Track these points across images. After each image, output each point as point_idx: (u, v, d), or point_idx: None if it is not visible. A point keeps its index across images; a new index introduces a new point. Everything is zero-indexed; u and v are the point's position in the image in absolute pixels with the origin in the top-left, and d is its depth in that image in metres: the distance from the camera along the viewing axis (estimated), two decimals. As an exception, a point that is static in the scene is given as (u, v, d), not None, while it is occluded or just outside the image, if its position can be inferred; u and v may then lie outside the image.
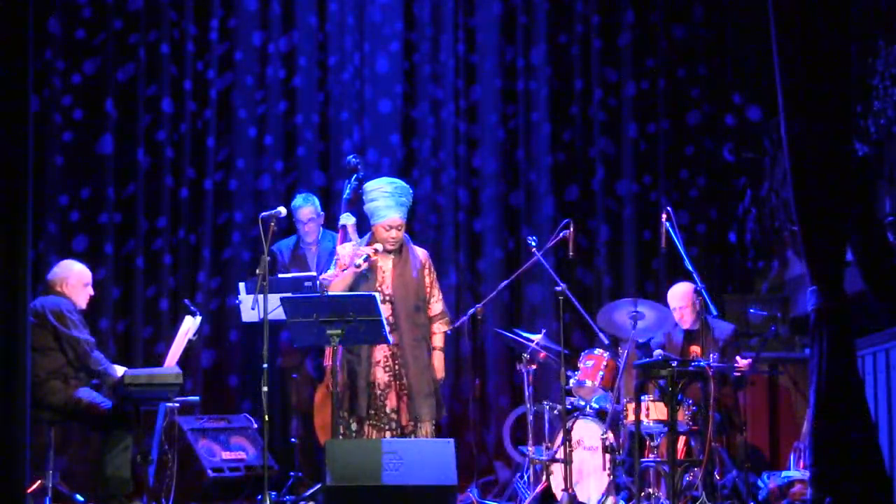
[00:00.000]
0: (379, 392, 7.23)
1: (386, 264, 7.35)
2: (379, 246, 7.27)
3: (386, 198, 7.27)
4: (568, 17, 9.91)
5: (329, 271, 7.43)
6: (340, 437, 7.03)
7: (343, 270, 7.28)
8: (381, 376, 7.24)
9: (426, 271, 7.42)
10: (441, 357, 7.43)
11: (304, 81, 9.74)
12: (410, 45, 9.87)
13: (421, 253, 7.49)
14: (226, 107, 9.63)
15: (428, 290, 7.41)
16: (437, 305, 7.45)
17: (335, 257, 7.49)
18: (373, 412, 7.21)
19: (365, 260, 7.20)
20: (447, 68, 9.84)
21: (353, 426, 7.18)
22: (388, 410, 7.22)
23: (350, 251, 7.40)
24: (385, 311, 7.12)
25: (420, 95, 9.84)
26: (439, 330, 7.45)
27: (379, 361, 7.25)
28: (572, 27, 9.90)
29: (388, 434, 7.19)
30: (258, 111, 9.70)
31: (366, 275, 7.27)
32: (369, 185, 7.42)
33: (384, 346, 7.20)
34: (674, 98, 9.85)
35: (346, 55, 9.76)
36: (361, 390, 7.19)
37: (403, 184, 7.41)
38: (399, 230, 7.31)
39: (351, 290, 7.20)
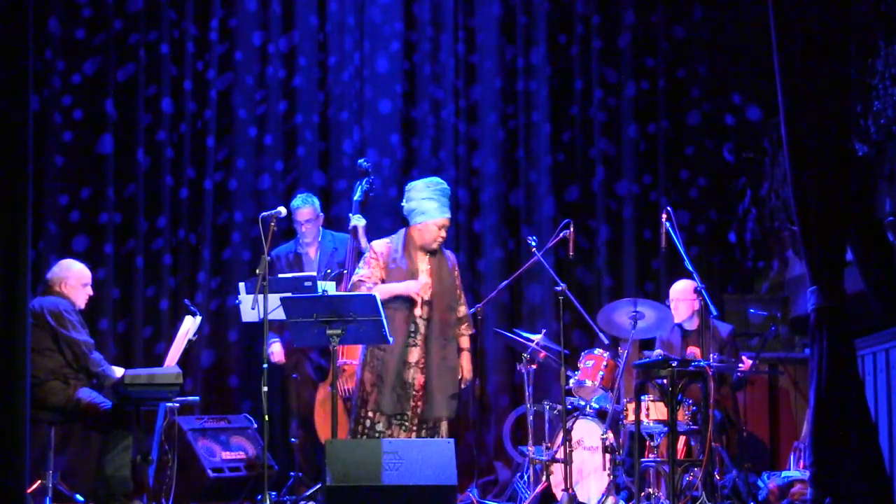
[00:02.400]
0: (414, 393, 7.29)
1: (423, 264, 7.39)
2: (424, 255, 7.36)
3: (439, 197, 7.39)
4: (568, 17, 9.91)
5: (362, 270, 7.39)
6: (363, 436, 7.14)
7: (390, 266, 7.29)
8: (419, 378, 7.30)
9: (456, 272, 7.52)
10: (469, 358, 7.56)
11: (304, 81, 9.74)
12: (410, 45, 9.87)
13: (450, 255, 7.58)
14: (226, 107, 9.63)
15: (458, 291, 7.49)
16: (463, 308, 7.56)
17: (368, 255, 7.44)
18: (406, 412, 7.25)
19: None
20: (447, 68, 9.84)
21: (380, 425, 7.20)
22: (419, 411, 7.32)
23: (385, 248, 7.39)
24: (423, 311, 7.30)
25: (420, 95, 9.84)
26: (466, 332, 7.56)
27: (417, 362, 7.31)
28: (572, 27, 9.90)
29: (413, 434, 7.26)
30: (258, 111, 9.70)
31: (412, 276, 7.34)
32: (418, 184, 7.47)
33: (419, 347, 7.29)
34: (674, 98, 9.85)
35: (346, 55, 9.76)
36: (391, 389, 7.22)
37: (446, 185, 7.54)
38: (446, 230, 7.42)
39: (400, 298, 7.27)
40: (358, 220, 8.22)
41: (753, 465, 8.25)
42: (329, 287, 7.61)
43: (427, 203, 7.35)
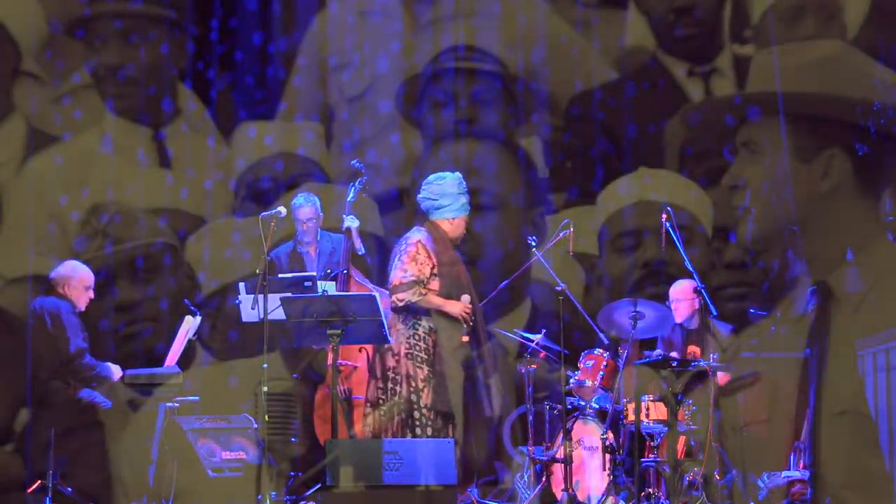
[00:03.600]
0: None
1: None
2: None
3: (466, 194, 7.34)
4: (568, 17, 9.91)
5: (411, 267, 7.24)
6: (423, 432, 7.07)
7: (442, 260, 7.22)
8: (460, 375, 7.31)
9: None
10: None
11: (304, 81, 9.74)
12: (410, 45, 9.87)
13: None
14: (226, 107, 9.63)
15: None
16: None
17: (414, 250, 7.27)
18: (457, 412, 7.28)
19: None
20: (447, 68, 9.84)
21: (439, 422, 7.16)
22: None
23: (428, 242, 7.31)
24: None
25: (420, 95, 9.85)
26: None
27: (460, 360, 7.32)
28: (573, 27, 9.90)
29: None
30: (258, 111, 9.71)
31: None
32: (453, 178, 7.36)
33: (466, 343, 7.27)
34: (674, 98, 9.84)
35: (346, 55, 9.76)
36: (452, 387, 7.20)
37: None
38: None
39: (459, 285, 7.23)
40: (351, 222, 8.16)
41: (753, 464, 8.25)
42: (329, 287, 7.60)
43: (462, 198, 7.30)
